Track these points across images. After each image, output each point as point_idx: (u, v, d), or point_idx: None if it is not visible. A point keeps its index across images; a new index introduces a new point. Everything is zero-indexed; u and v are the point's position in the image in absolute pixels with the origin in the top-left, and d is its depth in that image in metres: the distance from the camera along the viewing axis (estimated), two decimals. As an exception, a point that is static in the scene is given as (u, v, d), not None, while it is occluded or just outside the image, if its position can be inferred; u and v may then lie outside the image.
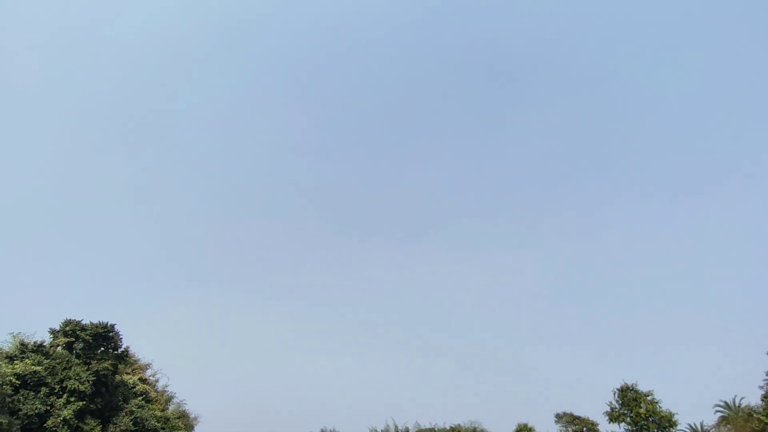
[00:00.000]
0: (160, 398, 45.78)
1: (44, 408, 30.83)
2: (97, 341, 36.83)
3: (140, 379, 45.15)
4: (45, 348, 35.38)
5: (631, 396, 34.95)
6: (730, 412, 35.51)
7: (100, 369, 34.73)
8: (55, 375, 32.91)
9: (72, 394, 32.37)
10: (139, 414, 37.02)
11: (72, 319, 37.17)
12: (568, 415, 42.03)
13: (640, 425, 34.10)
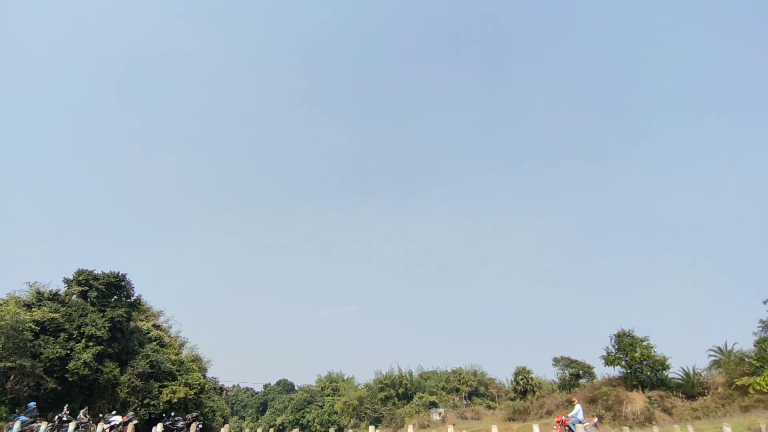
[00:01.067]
0: (173, 343, 47.74)
1: (64, 352, 32.31)
2: (110, 290, 38.02)
3: (153, 325, 46.89)
4: (60, 296, 36.60)
5: (627, 341, 36.06)
6: (722, 356, 36.71)
7: (115, 316, 36.03)
8: (72, 322, 34.24)
9: (90, 339, 33.81)
10: (154, 357, 38.77)
11: (84, 269, 38.23)
12: (565, 359, 43.66)
13: (634, 368, 35.46)
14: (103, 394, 34.46)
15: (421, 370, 70.43)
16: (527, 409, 39.20)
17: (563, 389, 41.42)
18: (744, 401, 29.53)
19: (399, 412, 54.72)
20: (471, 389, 64.93)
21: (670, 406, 32.40)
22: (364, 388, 66.34)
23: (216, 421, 44.35)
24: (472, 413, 47.17)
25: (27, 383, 30.81)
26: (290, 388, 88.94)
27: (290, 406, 73.06)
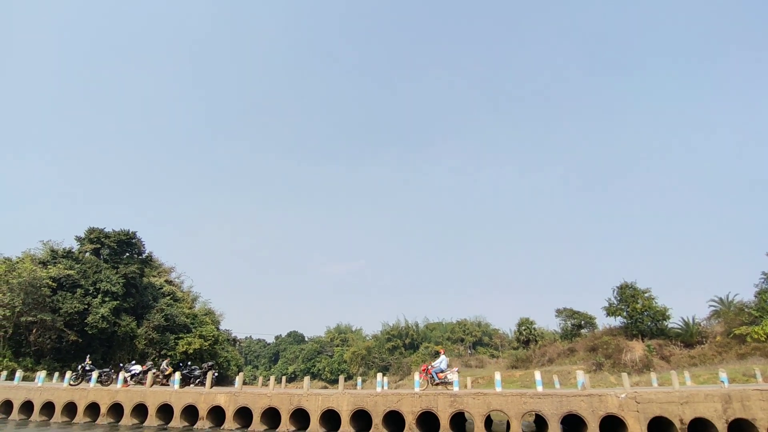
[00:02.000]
0: (186, 298, 49.25)
1: (82, 307, 33.55)
2: (122, 247, 38.87)
3: (166, 281, 48.21)
4: (74, 254, 37.52)
5: (629, 293, 36.67)
6: (723, 307, 37.36)
7: (128, 272, 37.05)
8: (87, 278, 35.31)
9: (105, 294, 34.98)
10: (168, 311, 40.17)
11: (95, 228, 38.95)
12: (567, 310, 44.66)
13: (635, 319, 36.26)
14: (122, 345, 36.05)
15: (427, 322, 72.57)
16: (529, 358, 40.54)
17: (565, 339, 42.64)
18: (741, 349, 30.31)
19: (405, 360, 56.89)
20: (475, 339, 67.02)
21: (669, 354, 33.35)
22: (372, 339, 68.68)
23: (231, 370, 46.44)
24: (476, 362, 48.95)
25: (49, 336, 32.25)
26: (301, 339, 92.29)
27: (301, 356, 76.13)
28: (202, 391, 18.27)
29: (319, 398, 16.48)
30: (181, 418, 17.57)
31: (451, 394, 15.35)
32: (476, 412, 14.80)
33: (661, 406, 13.61)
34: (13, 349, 30.64)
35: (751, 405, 13.00)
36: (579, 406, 14.12)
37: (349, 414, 15.80)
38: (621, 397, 13.95)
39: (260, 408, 16.78)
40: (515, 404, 14.69)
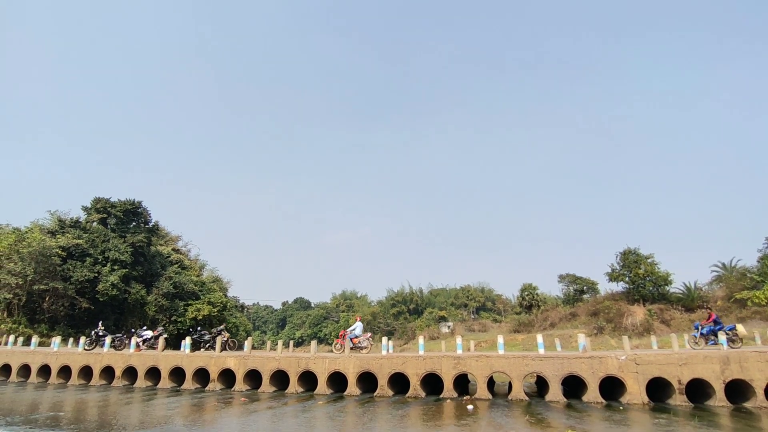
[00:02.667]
0: (193, 266, 49.95)
1: (92, 275, 34.19)
2: (128, 217, 39.19)
3: (173, 249, 48.79)
4: (81, 224, 37.90)
5: (632, 258, 36.83)
6: (725, 272, 37.56)
7: (135, 241, 37.50)
8: (96, 247, 35.80)
9: (114, 263, 35.55)
10: (177, 279, 40.89)
11: (101, 197, 39.16)
12: (570, 276, 45.07)
13: (637, 284, 36.58)
14: (133, 312, 36.91)
15: (431, 288, 73.60)
16: (532, 322, 41.24)
17: (567, 304, 43.20)
18: (741, 313, 30.65)
19: (410, 325, 58.03)
20: (479, 305, 68.04)
21: (669, 318, 33.80)
22: (377, 305, 69.89)
23: (239, 335, 47.63)
24: (479, 326, 49.87)
25: (62, 303, 33.04)
26: (307, 306, 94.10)
27: (308, 322, 77.81)
28: (212, 355, 18.82)
29: (326, 361, 16.96)
30: (192, 380, 18.18)
31: (455, 356, 15.75)
32: (479, 373, 15.21)
33: (660, 368, 13.92)
34: (27, 316, 31.49)
35: (749, 366, 13.26)
36: (580, 368, 14.47)
37: (355, 376, 16.29)
38: (621, 359, 14.26)
39: (269, 370, 17.31)
40: (517, 366, 15.07)
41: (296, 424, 10.65)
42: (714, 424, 10.55)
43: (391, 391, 15.91)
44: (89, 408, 13.12)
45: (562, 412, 12.31)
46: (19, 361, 20.99)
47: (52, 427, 10.01)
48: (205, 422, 10.92)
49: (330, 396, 15.74)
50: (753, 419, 11.32)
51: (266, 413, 12.28)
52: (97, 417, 11.59)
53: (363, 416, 11.77)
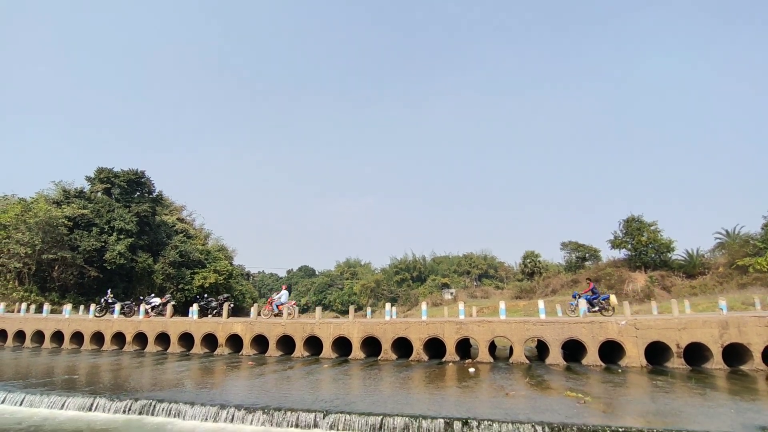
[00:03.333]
0: (199, 235, 50.42)
1: (99, 244, 34.64)
2: (131, 186, 39.31)
3: (178, 219, 49.14)
4: (86, 194, 38.10)
5: (635, 226, 36.92)
6: (728, 239, 37.64)
7: (140, 211, 37.75)
8: (101, 217, 36.10)
9: (120, 232, 35.93)
10: (183, 248, 41.38)
11: (104, 167, 39.19)
12: (572, 243, 45.33)
13: (639, 251, 36.80)
14: (141, 280, 37.57)
15: (434, 255, 74.24)
16: (533, 289, 41.79)
17: (569, 271, 43.62)
18: (742, 279, 30.90)
19: (413, 292, 58.93)
20: (481, 272, 68.76)
21: (670, 284, 34.16)
22: (381, 272, 70.73)
23: (246, 302, 48.54)
24: (481, 293, 50.59)
25: (71, 272, 33.63)
26: (311, 273, 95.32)
27: (312, 289, 79.01)
28: (219, 321, 19.27)
29: (331, 326, 17.35)
30: (201, 345, 18.68)
31: (457, 321, 16.07)
32: (481, 338, 15.55)
33: (660, 332, 14.18)
34: (38, 285, 32.13)
35: (748, 330, 13.48)
36: (580, 332, 14.76)
37: (359, 341, 16.69)
38: (621, 324, 14.51)
39: (275, 336, 17.74)
40: (518, 331, 15.38)
41: (303, 385, 11.02)
42: (710, 386, 10.83)
43: (394, 355, 16.32)
44: (103, 372, 13.57)
45: (562, 374, 12.65)
46: (33, 327, 21.56)
47: (68, 389, 10.38)
48: (215, 384, 11.30)
49: (335, 360, 16.18)
50: (748, 381, 11.61)
51: (274, 375, 12.68)
52: (111, 379, 12.00)
53: (367, 377, 12.14)
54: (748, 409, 8.17)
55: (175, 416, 8.59)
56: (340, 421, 7.78)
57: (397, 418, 7.62)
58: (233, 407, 8.44)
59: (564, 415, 7.62)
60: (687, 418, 7.53)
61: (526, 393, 9.81)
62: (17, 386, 10.55)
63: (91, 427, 8.13)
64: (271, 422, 8.02)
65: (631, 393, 9.96)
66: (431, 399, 9.29)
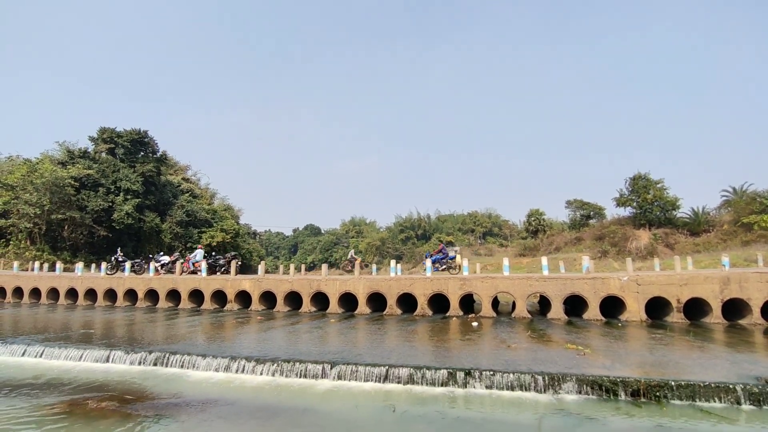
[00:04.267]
0: (204, 194, 50.64)
1: (106, 204, 34.92)
2: (135, 146, 39.12)
3: (183, 178, 49.21)
4: (90, 154, 38.02)
5: (642, 184, 36.54)
6: (735, 196, 37.30)
7: (145, 171, 37.77)
8: (107, 177, 36.19)
9: (127, 192, 36.11)
10: (189, 207, 41.68)
11: (107, 127, 38.87)
12: (577, 201, 45.10)
13: (644, 209, 36.62)
14: (150, 239, 38.12)
15: (439, 214, 74.42)
16: (537, 247, 42.01)
17: (573, 229, 43.66)
18: (746, 237, 30.89)
19: (418, 250, 59.50)
20: (485, 230, 69.06)
21: (674, 242, 34.20)
22: (386, 231, 71.22)
23: (253, 260, 49.31)
24: (485, 250, 51.00)
25: (81, 232, 34.14)
26: (317, 232, 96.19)
27: (318, 247, 79.99)
28: (228, 278, 19.69)
29: (337, 283, 17.70)
30: (211, 301, 19.19)
31: (461, 278, 16.33)
32: (484, 294, 15.85)
33: (661, 288, 14.37)
34: (50, 245, 32.71)
35: (749, 286, 13.63)
36: (582, 288, 14.99)
37: (365, 296, 17.06)
38: (623, 280, 14.69)
39: (283, 292, 18.15)
40: (521, 286, 15.64)
41: (311, 338, 11.38)
42: (708, 338, 11.08)
43: (399, 310, 16.72)
44: (117, 326, 14.03)
45: (563, 328, 12.95)
46: (48, 285, 22.15)
47: (84, 342, 10.78)
48: (226, 337, 11.69)
49: (341, 315, 16.61)
50: (745, 334, 11.85)
51: (282, 329, 13.08)
52: (125, 333, 12.43)
53: (373, 331, 12.50)
54: (744, 360, 8.39)
55: (187, 367, 8.95)
56: (346, 372, 8.08)
57: (402, 369, 7.90)
58: (243, 359, 8.76)
59: (564, 366, 7.87)
60: (684, 369, 7.76)
61: (527, 345, 10.10)
62: (36, 340, 10.96)
63: (108, 378, 8.51)
64: (280, 373, 8.34)
65: (630, 345, 10.22)
66: (435, 351, 9.59)
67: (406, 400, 7.14)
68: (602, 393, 7.01)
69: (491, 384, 7.42)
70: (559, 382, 7.23)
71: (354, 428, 6.21)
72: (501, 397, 7.13)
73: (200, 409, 6.81)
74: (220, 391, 7.70)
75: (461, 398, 7.17)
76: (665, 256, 30.60)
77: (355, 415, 6.68)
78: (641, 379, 7.04)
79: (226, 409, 6.80)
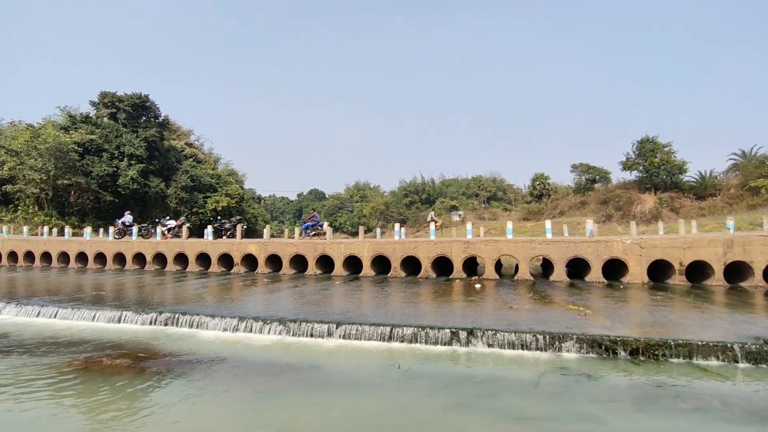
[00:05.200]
0: (208, 159, 50.49)
1: (111, 170, 34.97)
2: (137, 111, 38.73)
3: (186, 143, 48.95)
4: (92, 119, 37.72)
5: (649, 147, 36.00)
6: (743, 160, 36.75)
7: (148, 136, 37.55)
8: (110, 142, 36.07)
9: (131, 158, 36.08)
10: (193, 172, 41.69)
11: (107, 92, 38.37)
12: (583, 165, 44.64)
13: (650, 172, 36.25)
14: (155, 204, 38.38)
15: (443, 178, 74.08)
16: (541, 211, 41.98)
17: (578, 193, 43.44)
18: (753, 201, 30.67)
19: (422, 214, 59.63)
20: (489, 194, 68.86)
21: (679, 206, 34.06)
22: (390, 195, 71.16)
23: (258, 225, 49.68)
24: (489, 215, 51.08)
25: (87, 197, 34.37)
26: (321, 196, 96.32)
27: (323, 212, 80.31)
28: (234, 242, 19.92)
29: (342, 246, 17.88)
30: (218, 264, 19.49)
31: (464, 241, 16.44)
32: (487, 256, 15.99)
33: (664, 251, 14.42)
34: (57, 210, 33.03)
35: (752, 249, 13.64)
36: (585, 251, 15.07)
37: (369, 259, 17.26)
38: (626, 243, 14.74)
39: (288, 255, 18.39)
40: (524, 249, 15.75)
41: (316, 299, 11.61)
42: (708, 300, 11.21)
43: (403, 272, 16.94)
44: (127, 288, 14.35)
45: (565, 290, 13.12)
46: (58, 249, 22.51)
47: (97, 304, 11.06)
48: (234, 299, 11.95)
49: (346, 277, 16.87)
50: (746, 296, 11.97)
51: (288, 291, 13.33)
52: (136, 295, 12.73)
53: (377, 293, 12.73)
54: (744, 321, 8.52)
55: (197, 327, 9.20)
56: (351, 332, 8.29)
57: (406, 329, 8.09)
58: (251, 319, 8.98)
59: (565, 326, 8.02)
60: (683, 329, 7.90)
61: (529, 306, 10.27)
62: (49, 301, 11.26)
63: (121, 337, 8.78)
64: (287, 332, 8.57)
65: (631, 306, 10.37)
66: (438, 311, 9.78)
67: (410, 358, 7.35)
68: (602, 352, 7.17)
69: (493, 343, 7.60)
70: (560, 341, 7.39)
71: (359, 384, 6.43)
72: (502, 356, 7.33)
73: (210, 366, 7.05)
74: (229, 349, 7.94)
75: (464, 356, 7.37)
76: (670, 220, 30.53)
77: (360, 371, 6.90)
78: (640, 339, 7.18)
79: (236, 366, 7.04)
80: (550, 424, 4.94)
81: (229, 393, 6.02)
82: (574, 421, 5.03)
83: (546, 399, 5.67)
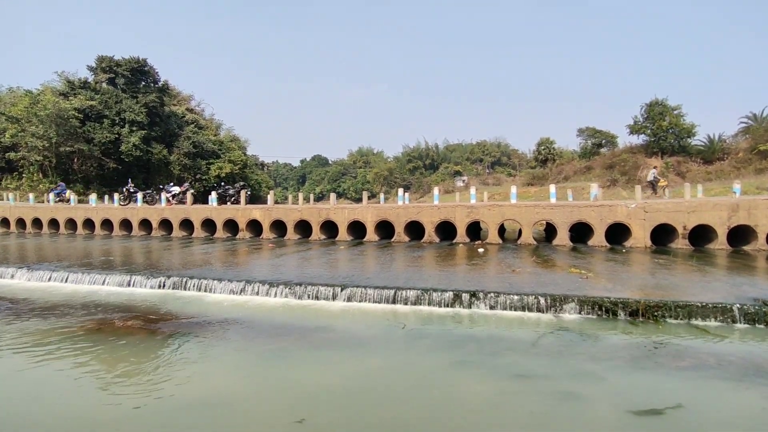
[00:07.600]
0: (210, 125, 50.00)
1: (113, 136, 34.76)
2: (136, 76, 38.04)
3: (187, 109, 48.34)
4: (91, 85, 37.16)
5: (658, 110, 35.28)
6: (754, 123, 36.04)
7: (148, 101, 37.04)
8: (110, 108, 35.67)
9: (132, 124, 35.76)
10: (195, 139, 41.39)
11: (105, 56, 37.58)
12: (590, 129, 43.95)
13: (658, 136, 35.67)
14: (159, 171, 38.34)
15: (447, 143, 73.46)
16: (546, 175, 41.71)
17: (583, 158, 42.98)
18: (761, 164, 30.31)
19: (426, 180, 59.50)
20: (494, 159, 68.38)
21: (686, 170, 33.72)
22: (393, 161, 70.79)
23: (262, 191, 49.71)
24: (493, 180, 50.84)
25: (90, 164, 34.37)
26: (325, 162, 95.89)
27: (326, 178, 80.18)
28: (238, 208, 20.03)
29: (346, 211, 17.96)
30: (223, 230, 19.68)
31: (468, 206, 16.46)
32: (491, 221, 16.04)
33: (668, 215, 14.40)
34: (62, 177, 33.07)
35: (757, 213, 13.59)
36: (588, 215, 15.08)
37: (373, 224, 17.37)
38: (630, 207, 14.72)
39: (293, 220, 18.51)
40: (528, 214, 15.77)
41: (321, 263, 11.78)
42: (710, 263, 11.30)
43: (407, 237, 17.07)
44: (135, 254, 14.57)
45: (568, 254, 13.22)
46: (65, 216, 22.73)
47: (106, 269, 11.27)
48: (240, 263, 12.14)
49: (350, 242, 17.02)
50: (749, 259, 12.04)
51: (293, 255, 13.51)
52: (144, 260, 12.94)
53: (381, 257, 12.89)
54: (744, 283, 8.60)
55: (204, 291, 9.39)
56: (356, 294, 8.44)
57: (410, 291, 8.23)
58: (258, 282, 9.15)
59: (566, 288, 8.14)
60: (684, 291, 8.00)
61: (531, 270, 10.39)
62: (60, 266, 11.47)
63: (131, 301, 8.99)
64: (293, 295, 8.75)
65: (633, 270, 10.48)
66: (442, 275, 9.92)
67: (414, 319, 7.52)
68: (602, 313, 7.30)
69: (495, 305, 7.74)
70: (561, 302, 7.52)
71: (364, 343, 6.61)
72: (504, 317, 7.48)
73: (219, 327, 7.25)
74: (237, 311, 8.14)
75: (466, 318, 7.53)
76: (675, 184, 30.31)
77: (366, 332, 7.08)
78: (640, 300, 7.30)
79: (244, 327, 7.23)
80: (550, 381, 5.10)
81: (239, 352, 6.23)
82: (573, 378, 5.19)
83: (546, 357, 5.83)
